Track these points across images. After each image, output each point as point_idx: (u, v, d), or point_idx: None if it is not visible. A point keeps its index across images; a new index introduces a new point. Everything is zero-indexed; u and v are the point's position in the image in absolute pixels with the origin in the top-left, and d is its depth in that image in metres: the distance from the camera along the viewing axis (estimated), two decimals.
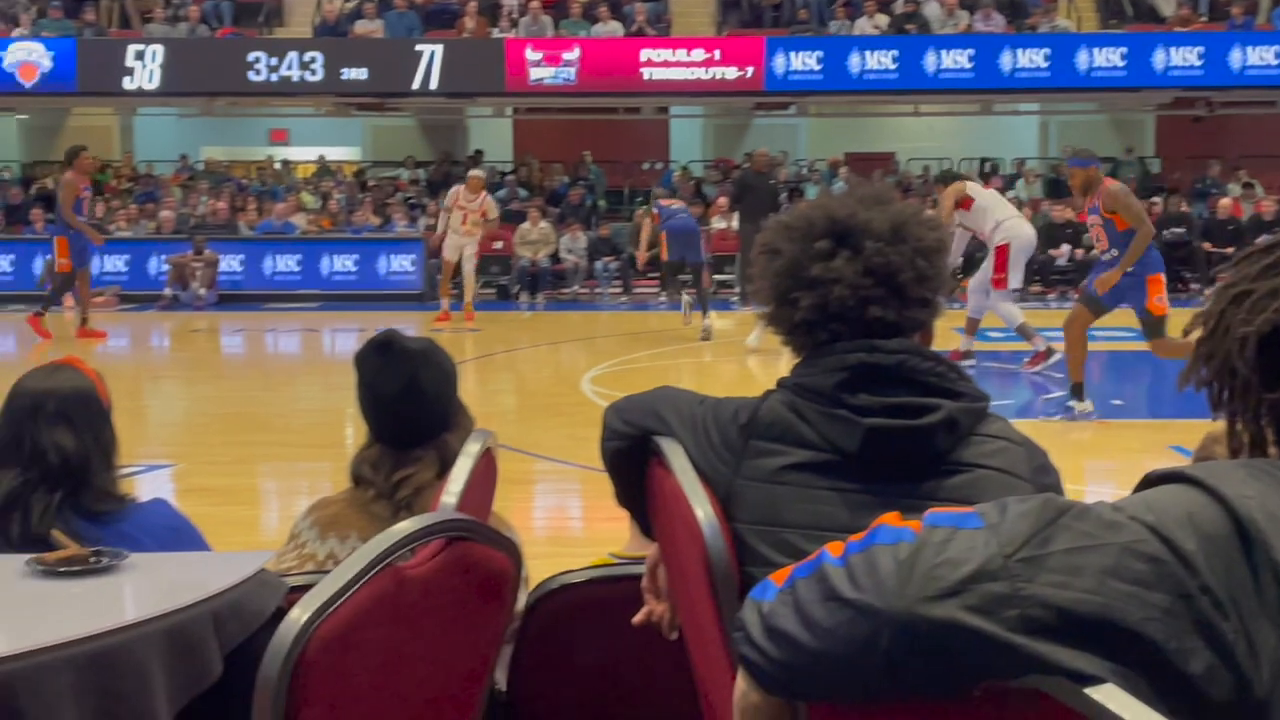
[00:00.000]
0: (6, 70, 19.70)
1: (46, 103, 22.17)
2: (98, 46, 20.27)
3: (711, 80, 19.66)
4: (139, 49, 19.72)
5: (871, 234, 1.94)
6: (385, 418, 2.83)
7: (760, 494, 1.89)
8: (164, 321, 16.56)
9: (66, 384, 2.74)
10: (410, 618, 1.77)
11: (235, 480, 7.78)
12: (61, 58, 19.74)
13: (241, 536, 6.22)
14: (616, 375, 11.64)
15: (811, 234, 1.96)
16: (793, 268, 1.96)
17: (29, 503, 2.60)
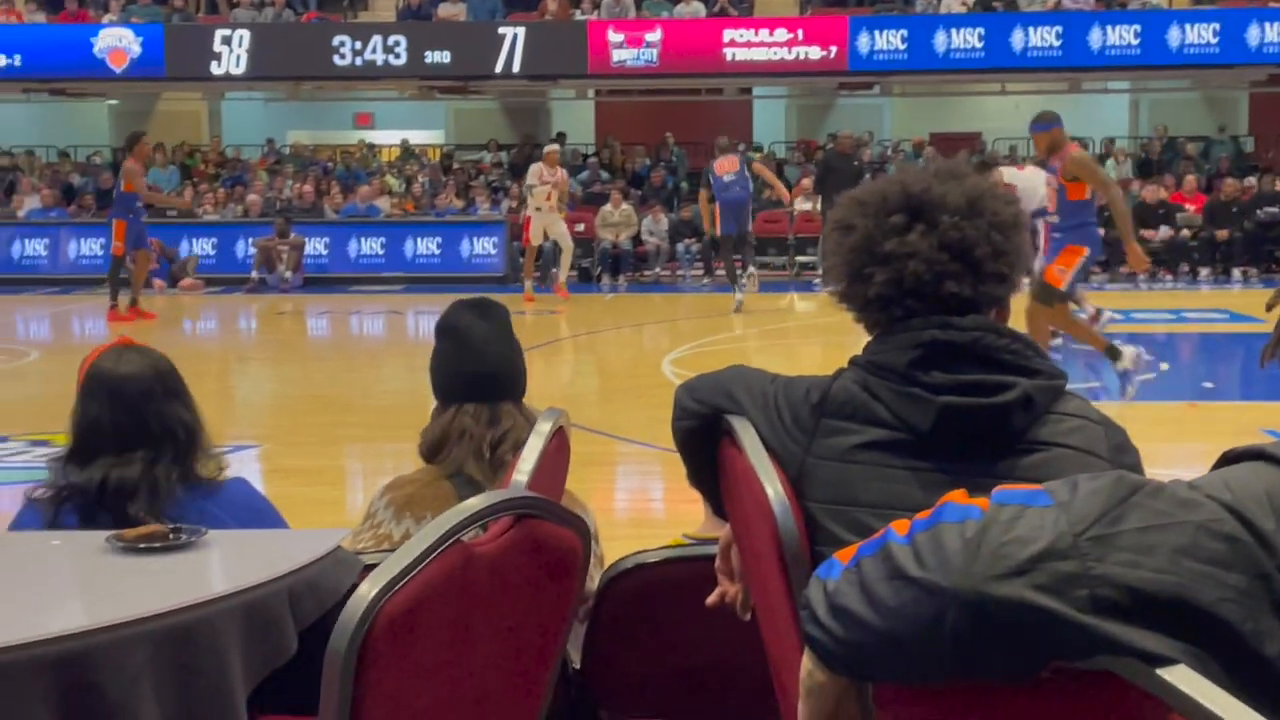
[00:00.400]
0: (97, 56, 20.01)
1: (136, 88, 22.51)
2: (185, 32, 20.54)
3: (795, 60, 19.52)
4: (226, 34, 19.95)
5: (947, 208, 1.90)
6: (481, 369, 2.91)
7: (832, 473, 1.87)
8: (250, 304, 16.78)
9: (156, 362, 2.78)
10: (478, 595, 1.78)
11: (320, 461, 7.86)
12: (150, 43, 20.02)
13: (325, 516, 6.27)
14: (697, 357, 11.61)
15: (886, 209, 1.93)
16: (866, 243, 1.94)
17: (156, 479, 2.64)
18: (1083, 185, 8.84)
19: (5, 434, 8.18)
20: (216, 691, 2.11)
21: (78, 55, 20.04)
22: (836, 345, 10.80)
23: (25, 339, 14.12)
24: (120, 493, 2.60)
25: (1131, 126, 24.21)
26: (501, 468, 2.82)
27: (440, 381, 3.00)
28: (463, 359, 2.94)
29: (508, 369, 2.97)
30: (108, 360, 2.77)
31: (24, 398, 10.05)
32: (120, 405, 2.69)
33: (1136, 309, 14.57)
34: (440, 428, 2.94)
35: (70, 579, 2.34)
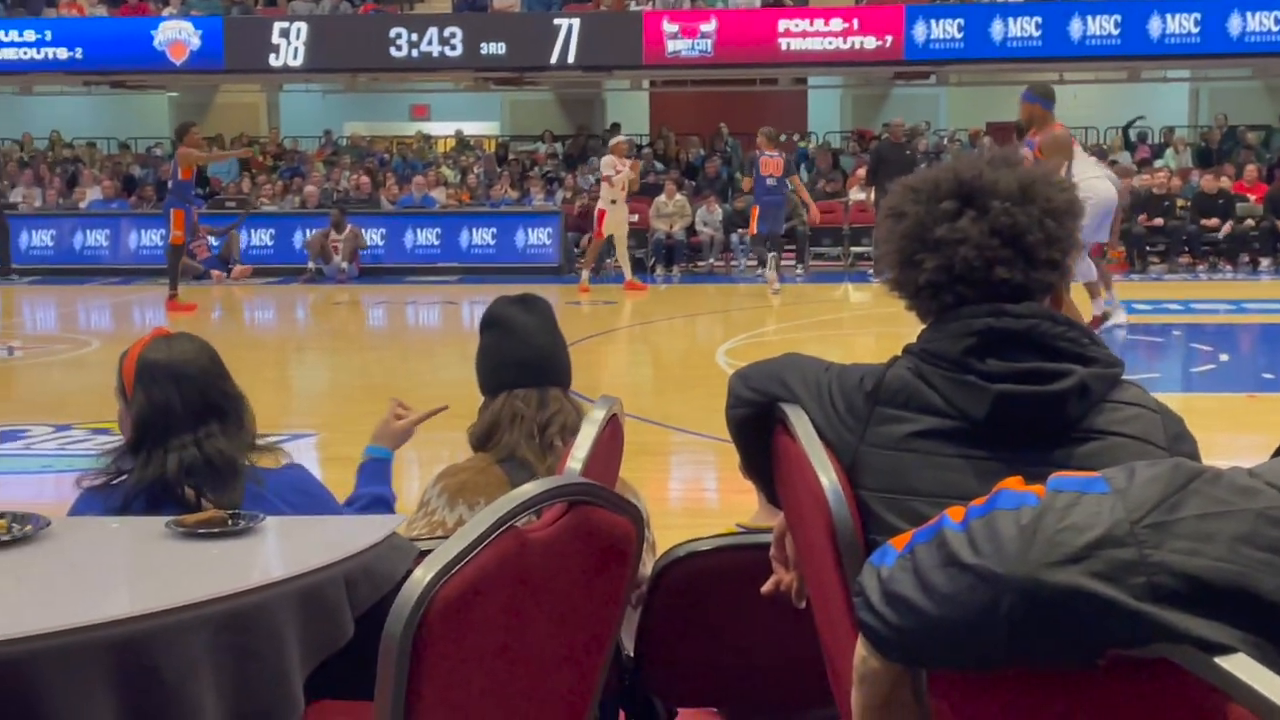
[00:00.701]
0: (157, 49, 20.21)
1: (195, 80, 22.71)
2: (244, 25, 20.70)
3: (850, 50, 19.43)
4: (284, 26, 20.09)
5: (999, 194, 1.89)
6: (528, 354, 2.97)
7: (886, 461, 1.86)
8: (307, 294, 16.90)
9: (196, 347, 2.81)
10: (532, 580, 1.78)
11: None
12: (209, 36, 20.19)
13: None
14: (750, 347, 11.59)
15: (937, 195, 1.92)
16: (918, 229, 1.93)
17: (229, 454, 2.68)
18: (1058, 165, 8.77)
19: (68, 422, 8.29)
20: (273, 676, 2.13)
21: (138, 48, 20.26)
22: (890, 335, 10.74)
23: (86, 329, 14.29)
24: (195, 471, 2.63)
25: (1191, 115, 23.91)
26: (551, 450, 2.87)
27: (487, 372, 3.03)
28: (510, 347, 2.99)
29: (553, 356, 3.03)
30: (159, 349, 2.80)
31: (85, 387, 10.16)
32: (188, 386, 2.73)
33: (1196, 299, 14.41)
34: (491, 414, 2.98)
35: (130, 564, 2.37)
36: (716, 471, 7.40)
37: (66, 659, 1.93)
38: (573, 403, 3.00)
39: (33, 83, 22.43)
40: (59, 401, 9.44)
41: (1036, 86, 9.34)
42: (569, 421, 2.95)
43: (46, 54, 20.42)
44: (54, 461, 7.45)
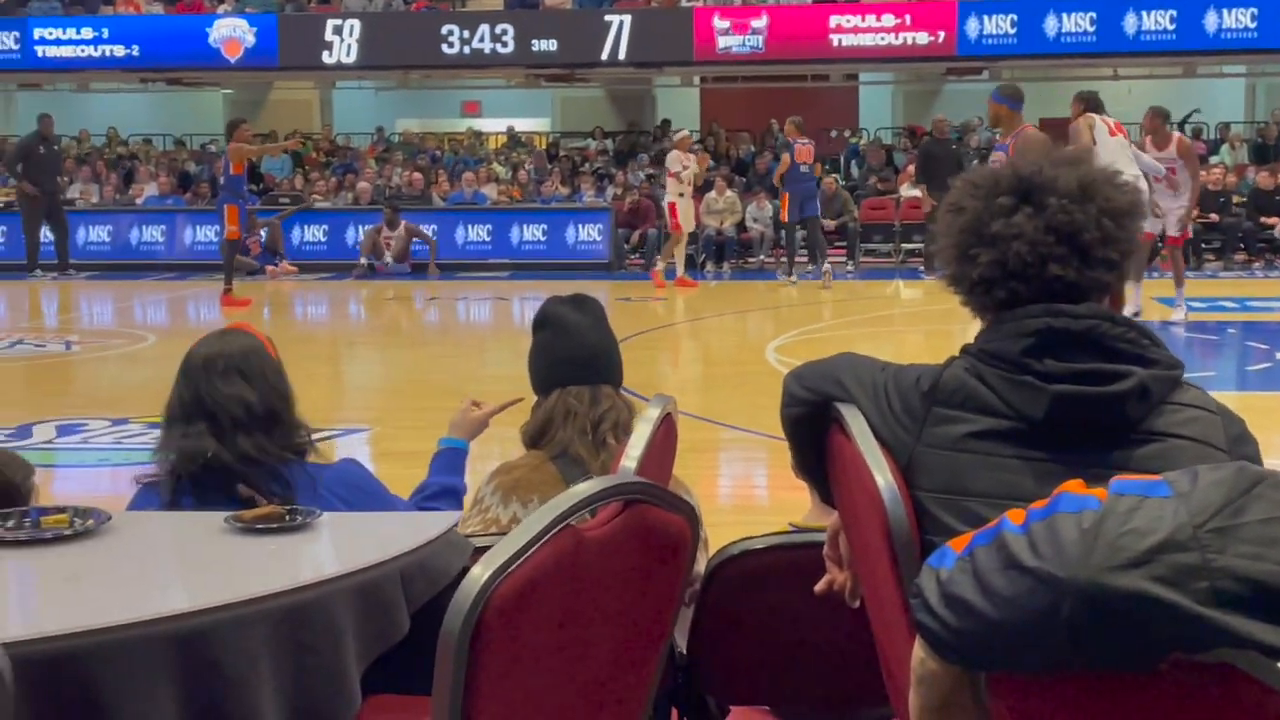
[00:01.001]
0: (212, 46, 20.38)
1: (249, 77, 22.89)
2: (298, 22, 20.84)
3: (902, 46, 19.34)
4: (337, 24, 20.21)
5: (1056, 191, 1.88)
6: (581, 352, 3.00)
7: (943, 462, 1.86)
8: (359, 290, 17.00)
9: (237, 342, 2.83)
10: (588, 579, 1.79)
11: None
12: (264, 33, 20.35)
13: None
14: (801, 344, 11.57)
15: (996, 190, 1.92)
16: (975, 224, 1.92)
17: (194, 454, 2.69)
18: None
19: (125, 416, 8.38)
20: (331, 670, 2.15)
21: (193, 45, 20.44)
22: (941, 333, 10.72)
23: (142, 324, 14.43)
24: (244, 466, 2.66)
25: (1248, 111, 23.63)
26: (603, 447, 2.89)
27: (540, 370, 3.06)
28: (562, 345, 3.03)
29: (605, 354, 3.06)
30: (202, 340, 2.85)
31: (142, 381, 10.27)
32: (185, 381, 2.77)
33: (1252, 297, 14.25)
34: (544, 412, 3.00)
35: (190, 559, 2.40)
36: (766, 469, 7.40)
37: (129, 653, 1.95)
38: (624, 400, 3.01)
39: (90, 80, 22.68)
40: (116, 396, 9.55)
41: (1004, 88, 9.27)
42: (621, 418, 2.97)
43: (104, 51, 20.64)
44: (111, 455, 7.54)
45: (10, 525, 2.44)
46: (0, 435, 7.80)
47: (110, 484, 6.97)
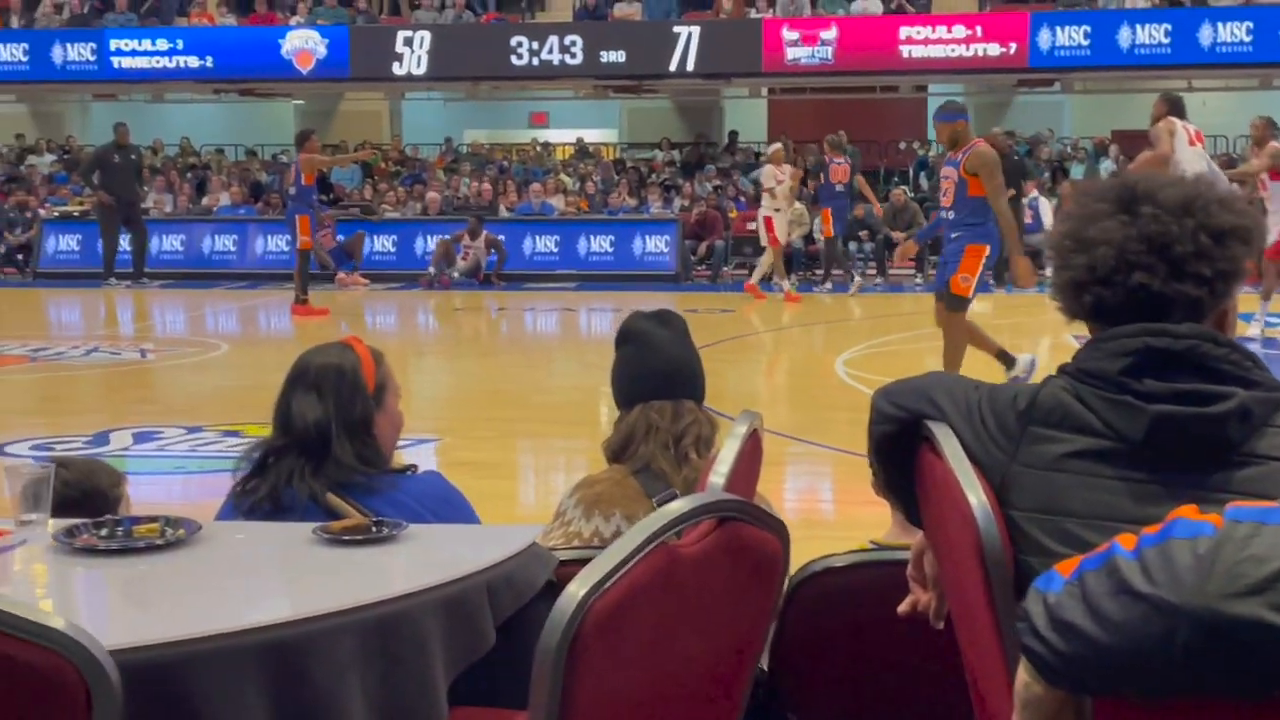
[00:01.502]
0: (284, 57, 20.61)
1: (320, 88, 23.13)
2: (369, 34, 21.04)
3: (973, 57, 19.22)
4: (407, 35, 20.37)
5: (1155, 202, 1.87)
6: (663, 367, 3.00)
7: (1039, 481, 1.84)
8: (427, 300, 17.12)
9: (325, 357, 2.86)
10: (682, 596, 1.79)
11: (496, 455, 8.00)
12: (335, 45, 20.55)
13: (502, 509, 6.38)
14: (870, 358, 11.52)
15: (1098, 198, 1.92)
16: (1074, 229, 1.92)
17: (275, 466, 2.73)
18: (1000, 183, 8.51)
19: (199, 424, 8.48)
20: (419, 682, 2.16)
21: (266, 57, 20.68)
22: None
23: (215, 332, 14.60)
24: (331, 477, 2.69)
25: None
26: (685, 461, 2.90)
27: (623, 385, 3.07)
28: (645, 361, 3.03)
29: (688, 369, 3.06)
30: (309, 349, 2.89)
31: (215, 390, 10.41)
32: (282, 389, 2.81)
33: None
34: (627, 426, 3.01)
35: (279, 569, 2.42)
36: (835, 482, 7.37)
37: (221, 663, 1.97)
38: (707, 415, 3.02)
39: (164, 90, 23.01)
40: (190, 404, 9.67)
41: (948, 105, 9.13)
42: (703, 433, 2.97)
43: (178, 63, 20.93)
44: (186, 463, 7.63)
45: (104, 534, 2.47)
46: (78, 442, 7.92)
47: (187, 491, 7.06)
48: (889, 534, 3.00)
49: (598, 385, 10.85)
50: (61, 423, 8.52)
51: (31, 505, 2.60)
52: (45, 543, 2.46)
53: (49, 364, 11.46)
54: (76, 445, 7.84)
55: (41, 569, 2.40)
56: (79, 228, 19.74)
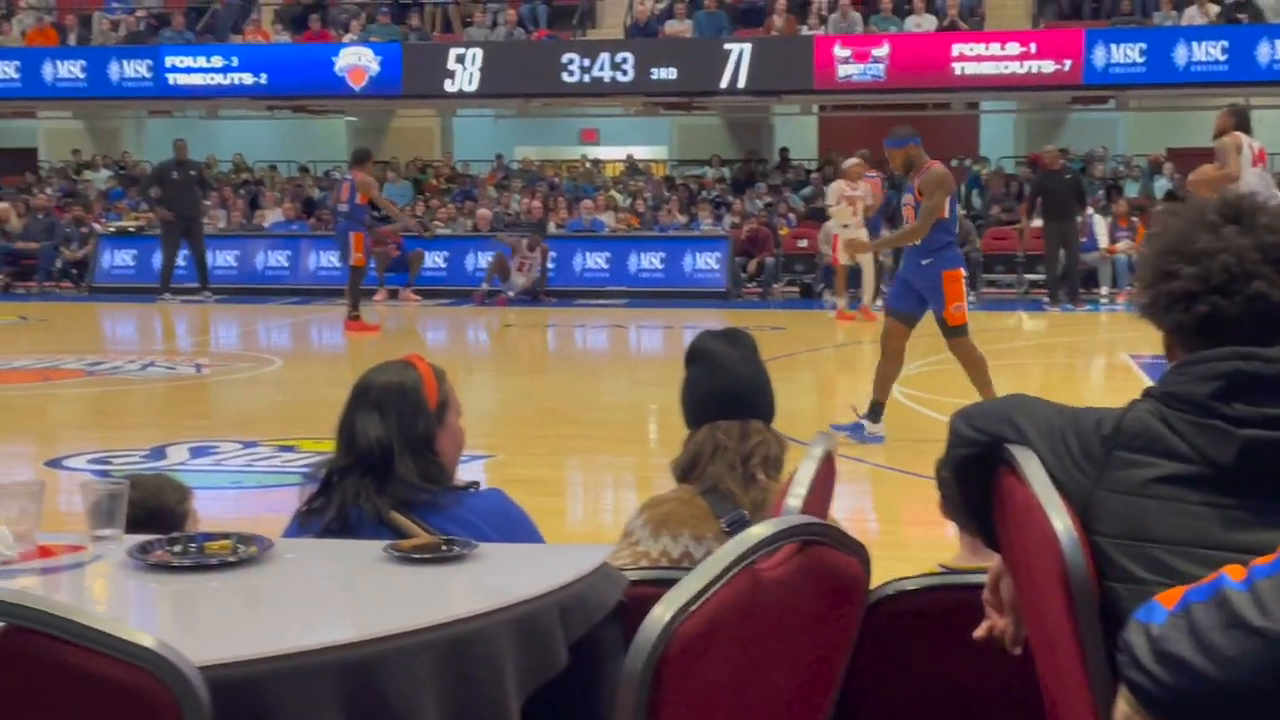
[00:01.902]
0: (337, 74, 20.77)
1: (373, 105, 23.28)
2: (422, 51, 21.15)
3: (1027, 74, 19.12)
4: (460, 52, 20.48)
5: (1268, 212, 1.85)
6: (730, 387, 3.00)
7: (1124, 506, 1.82)
8: (478, 316, 17.17)
9: (387, 376, 2.87)
10: (765, 620, 1.78)
11: (549, 471, 8.00)
12: (388, 62, 20.68)
13: (554, 526, 6.36)
14: (924, 376, 11.44)
15: (1202, 212, 1.90)
16: (1177, 242, 1.89)
17: (340, 485, 2.74)
18: (941, 202, 8.39)
19: (254, 439, 8.53)
20: (492, 702, 2.16)
21: (319, 74, 20.84)
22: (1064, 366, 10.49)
23: (268, 347, 14.71)
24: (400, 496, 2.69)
25: None
26: (752, 482, 2.89)
27: (691, 404, 3.07)
28: (712, 380, 3.03)
29: (755, 389, 3.06)
30: (372, 367, 2.90)
31: (269, 404, 10.48)
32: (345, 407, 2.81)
33: None
34: (694, 446, 3.01)
35: (352, 587, 2.42)
36: (891, 503, 7.33)
37: (301, 681, 1.97)
38: (775, 435, 3.01)
39: (219, 107, 23.23)
40: (245, 418, 9.73)
41: (898, 131, 9.03)
42: (771, 453, 2.96)
43: (232, 79, 21.13)
44: (242, 478, 7.68)
45: (177, 550, 2.49)
46: (135, 457, 7.99)
47: (244, 505, 7.10)
48: (958, 557, 2.98)
49: (648, 402, 10.85)
50: (118, 437, 8.60)
51: (106, 521, 2.62)
52: (119, 559, 2.47)
53: (105, 378, 11.56)
54: (133, 459, 7.90)
55: (117, 585, 2.41)
56: (134, 243, 19.96)
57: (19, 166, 24.32)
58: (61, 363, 12.26)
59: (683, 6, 21.13)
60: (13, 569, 2.41)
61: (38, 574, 2.41)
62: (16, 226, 20.14)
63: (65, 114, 25.27)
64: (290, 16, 22.64)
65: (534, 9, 21.96)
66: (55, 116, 25.78)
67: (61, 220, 20.39)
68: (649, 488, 7.67)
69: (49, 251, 19.78)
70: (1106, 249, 17.89)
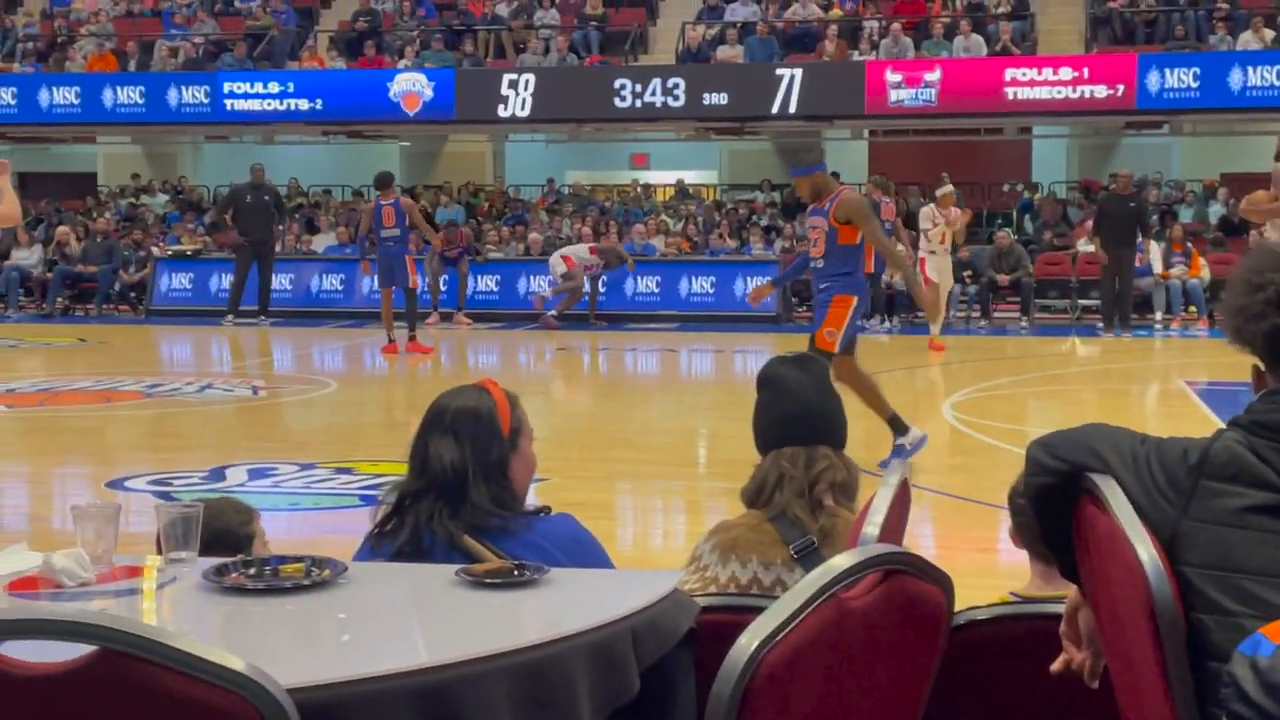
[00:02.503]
0: (392, 100, 20.93)
1: (427, 130, 23.44)
2: (475, 76, 21.29)
3: (1079, 99, 19.03)
4: (512, 78, 20.60)
5: None
6: (797, 415, 3.00)
7: (1212, 537, 1.80)
8: (530, 340, 17.22)
9: (462, 400, 2.88)
10: (850, 650, 1.77)
11: (603, 495, 8.00)
12: (441, 88, 20.82)
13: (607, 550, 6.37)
14: (979, 402, 11.38)
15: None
16: (1269, 257, 1.88)
17: (413, 509, 2.75)
18: (855, 229, 8.28)
19: (312, 461, 8.58)
20: None
21: (374, 99, 21.01)
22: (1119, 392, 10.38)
23: (323, 369, 14.81)
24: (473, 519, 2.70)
25: None
26: (820, 509, 2.87)
27: (759, 430, 3.08)
28: (779, 406, 3.04)
29: (822, 415, 3.05)
30: (446, 391, 2.91)
31: (326, 426, 10.54)
32: (419, 430, 2.82)
33: None
34: (760, 473, 3.01)
35: (426, 611, 2.43)
36: (948, 528, 7.27)
37: (377, 705, 1.98)
38: (844, 461, 2.99)
39: (275, 132, 23.45)
40: (302, 440, 9.79)
41: (802, 159, 8.96)
42: (838, 479, 2.95)
43: (288, 105, 21.33)
44: (301, 499, 7.72)
45: (251, 573, 2.51)
46: (194, 478, 8.05)
47: (303, 526, 7.14)
48: (1029, 586, 2.95)
49: (699, 426, 10.84)
50: (178, 459, 8.67)
51: (180, 543, 2.64)
52: (194, 581, 2.49)
53: (164, 400, 11.66)
54: (193, 480, 7.97)
55: (194, 608, 2.43)
56: (191, 266, 20.16)
57: (79, 191, 24.65)
58: (120, 385, 12.39)
59: (734, 32, 21.18)
60: (90, 591, 2.44)
61: (114, 596, 2.44)
62: (76, 250, 20.39)
63: (125, 139, 25.60)
64: (345, 43, 22.85)
65: (586, 35, 22.07)
66: (114, 141, 26.12)
67: (120, 244, 20.64)
68: (700, 512, 7.67)
69: (108, 275, 20.01)
70: (1161, 274, 17.75)
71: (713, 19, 22.13)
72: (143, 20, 24.46)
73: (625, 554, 6.60)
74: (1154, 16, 20.78)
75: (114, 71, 22.78)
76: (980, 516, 7.26)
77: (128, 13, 24.76)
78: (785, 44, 21.28)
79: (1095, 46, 20.80)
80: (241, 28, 23.39)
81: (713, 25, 21.84)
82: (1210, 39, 19.95)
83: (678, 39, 21.88)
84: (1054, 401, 11.87)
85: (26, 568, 2.54)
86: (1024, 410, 11.44)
